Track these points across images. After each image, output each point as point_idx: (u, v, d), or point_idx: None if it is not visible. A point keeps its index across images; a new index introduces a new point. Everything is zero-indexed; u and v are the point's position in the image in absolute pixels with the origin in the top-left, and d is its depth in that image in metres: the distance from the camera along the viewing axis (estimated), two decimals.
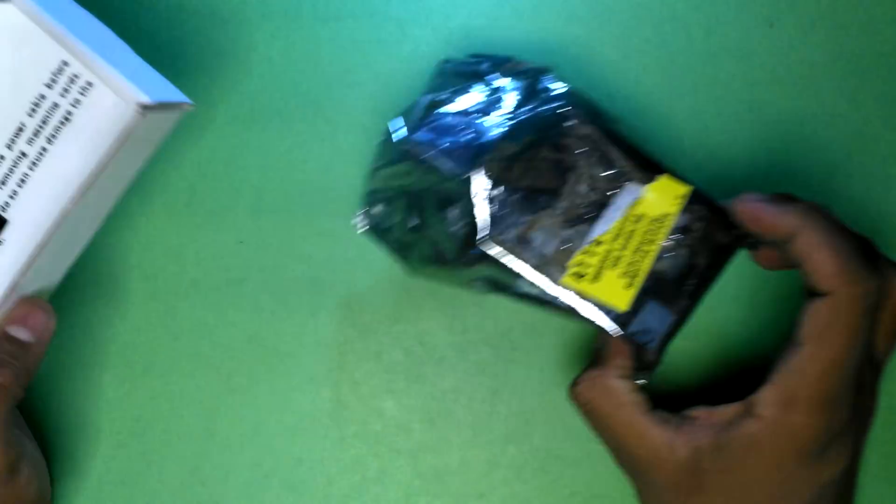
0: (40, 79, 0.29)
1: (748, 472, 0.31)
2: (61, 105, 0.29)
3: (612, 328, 0.32)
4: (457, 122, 0.33)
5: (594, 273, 0.32)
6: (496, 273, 0.32)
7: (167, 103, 0.30)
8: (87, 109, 0.29)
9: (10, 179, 0.30)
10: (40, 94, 0.29)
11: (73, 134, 0.29)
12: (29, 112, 0.29)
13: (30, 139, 0.30)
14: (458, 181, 0.31)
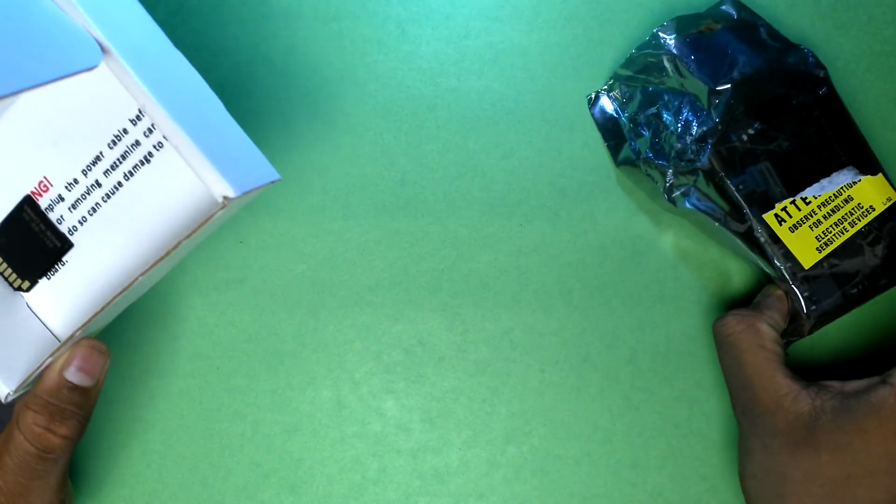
0: (126, 114, 0.28)
1: (864, 436, 0.31)
2: (143, 144, 0.28)
3: (788, 275, 0.36)
4: (724, 44, 0.37)
5: (794, 224, 0.36)
6: (704, 188, 0.37)
7: (253, 189, 0.28)
8: (169, 155, 0.28)
9: (82, 205, 0.30)
10: (123, 128, 0.28)
11: (152, 176, 0.29)
12: (109, 144, 0.29)
13: (106, 170, 0.29)
14: (707, 90, 0.36)
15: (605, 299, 0.40)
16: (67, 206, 0.30)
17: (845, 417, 0.31)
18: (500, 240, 0.40)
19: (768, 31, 0.38)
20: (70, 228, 0.30)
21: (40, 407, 0.29)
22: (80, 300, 0.31)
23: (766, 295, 0.36)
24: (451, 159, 0.40)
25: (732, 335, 0.34)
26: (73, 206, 0.30)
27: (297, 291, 0.40)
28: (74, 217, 0.30)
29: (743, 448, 0.34)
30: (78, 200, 0.30)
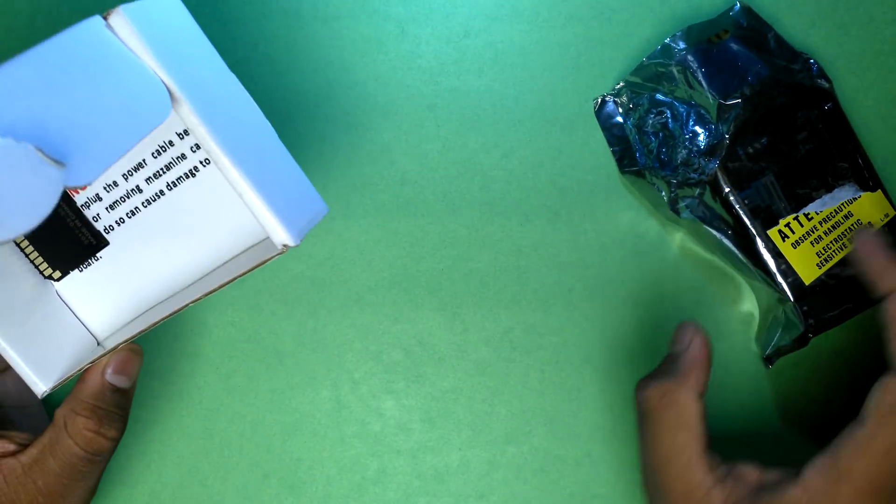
0: (173, 128, 0.28)
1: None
2: (189, 158, 0.28)
3: (789, 290, 0.37)
4: (734, 55, 0.37)
5: (796, 240, 0.36)
6: (710, 201, 0.37)
7: (306, 232, 0.28)
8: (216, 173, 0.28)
9: (120, 207, 0.30)
10: (169, 140, 0.28)
11: (197, 190, 0.29)
12: (154, 153, 0.29)
13: (148, 178, 0.29)
14: (716, 105, 0.36)
15: (605, 299, 0.40)
16: (105, 206, 0.30)
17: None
18: (500, 240, 0.40)
19: (776, 40, 0.38)
20: (106, 227, 0.30)
21: (89, 412, 0.30)
22: (115, 297, 0.31)
23: (683, 348, 0.33)
24: (451, 159, 0.40)
25: (653, 411, 0.32)
26: (111, 206, 0.30)
27: (297, 291, 0.40)
28: (111, 217, 0.30)
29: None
30: (116, 202, 0.30)
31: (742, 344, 0.40)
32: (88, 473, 0.31)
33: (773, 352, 0.39)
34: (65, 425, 0.30)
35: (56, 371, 0.30)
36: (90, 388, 0.30)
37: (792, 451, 0.40)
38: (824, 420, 0.40)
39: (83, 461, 0.30)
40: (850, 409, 0.39)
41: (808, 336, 0.37)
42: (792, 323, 0.37)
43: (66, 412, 0.30)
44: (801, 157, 0.37)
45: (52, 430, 0.31)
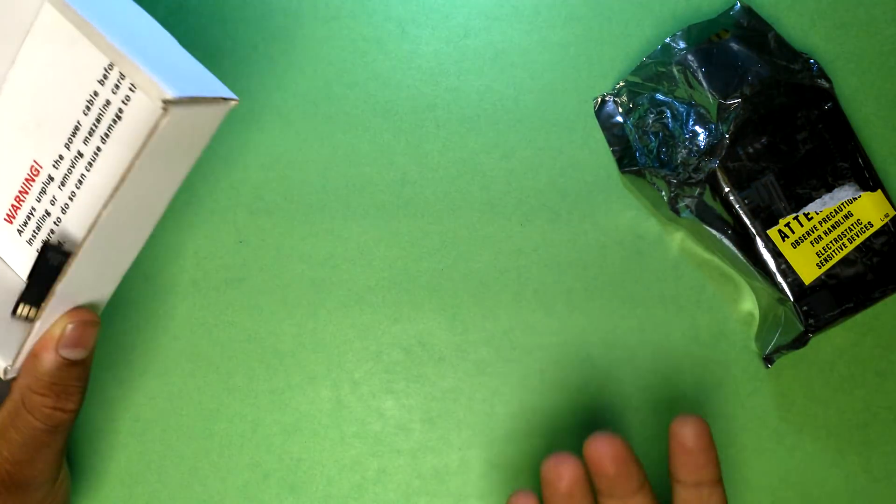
0: (94, 76, 0.28)
1: None
2: (113, 102, 0.28)
3: (789, 290, 0.37)
4: (734, 55, 0.37)
5: (796, 239, 0.36)
6: (709, 201, 0.37)
7: (199, 98, 0.27)
8: (133, 107, 0.27)
9: (69, 180, 0.29)
10: (94, 90, 0.28)
11: (124, 133, 0.28)
12: (84, 110, 0.28)
13: (85, 138, 0.28)
14: (716, 104, 0.36)
15: (605, 299, 0.40)
16: (57, 185, 0.29)
17: None
18: (500, 240, 0.40)
19: (776, 40, 0.38)
20: (63, 207, 0.30)
21: (46, 389, 0.30)
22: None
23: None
24: (451, 159, 0.40)
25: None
26: (63, 183, 0.29)
27: (297, 291, 0.40)
28: (65, 194, 0.29)
29: None
30: (66, 176, 0.29)
31: (742, 344, 0.40)
32: (52, 442, 0.31)
33: (773, 351, 0.39)
34: (23, 402, 0.30)
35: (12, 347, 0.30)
36: (45, 365, 0.30)
37: (792, 451, 0.40)
38: (824, 420, 0.40)
39: (44, 433, 0.30)
40: (850, 409, 0.39)
41: (808, 336, 0.37)
42: (792, 323, 0.37)
43: (22, 389, 0.30)
44: (801, 157, 0.37)
45: (10, 402, 0.30)
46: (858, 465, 0.40)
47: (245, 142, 0.40)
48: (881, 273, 0.37)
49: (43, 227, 0.30)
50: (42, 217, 0.30)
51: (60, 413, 0.30)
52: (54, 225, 0.30)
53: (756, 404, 0.40)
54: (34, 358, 0.30)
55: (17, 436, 0.30)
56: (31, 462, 0.31)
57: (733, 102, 0.36)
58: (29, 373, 0.30)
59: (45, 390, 0.30)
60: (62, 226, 0.30)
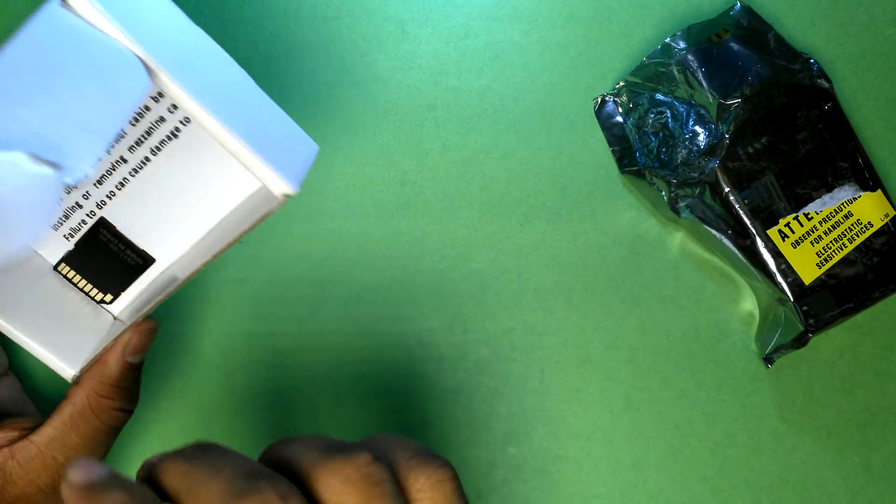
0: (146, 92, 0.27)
1: None
2: (168, 120, 0.28)
3: (789, 290, 0.37)
4: (734, 55, 0.37)
5: (796, 239, 0.36)
6: (709, 201, 0.37)
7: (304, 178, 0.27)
8: (198, 131, 0.28)
9: (108, 181, 0.30)
10: (145, 105, 0.28)
11: (182, 151, 0.28)
12: (132, 121, 0.28)
13: (131, 147, 0.29)
14: (716, 104, 0.36)
15: (605, 299, 0.40)
16: (93, 182, 0.30)
17: None
18: (500, 240, 0.40)
19: (776, 40, 0.38)
20: (98, 203, 0.30)
21: (113, 392, 0.32)
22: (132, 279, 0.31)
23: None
24: (451, 159, 0.40)
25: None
26: (99, 181, 0.30)
27: (297, 291, 0.40)
28: (101, 192, 0.30)
29: None
30: (103, 176, 0.30)
31: (742, 344, 0.40)
32: (109, 443, 0.33)
33: (773, 351, 0.39)
34: (90, 405, 0.32)
35: (81, 354, 0.31)
36: (112, 371, 0.32)
37: (792, 451, 0.40)
38: (824, 420, 0.40)
39: (106, 434, 0.32)
40: (850, 409, 0.39)
41: (808, 336, 0.37)
42: (792, 322, 0.37)
43: (89, 394, 0.32)
44: (801, 157, 0.37)
45: (71, 409, 0.32)
46: (858, 465, 0.40)
47: None
48: (881, 273, 0.37)
49: (72, 217, 0.31)
50: (72, 207, 0.31)
51: (124, 414, 0.33)
52: (87, 217, 0.31)
53: (756, 404, 0.40)
54: (102, 364, 0.32)
55: (78, 438, 0.32)
56: None
57: (733, 102, 0.36)
58: (95, 378, 0.32)
59: (113, 394, 0.32)
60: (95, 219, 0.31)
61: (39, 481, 0.32)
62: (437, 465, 0.24)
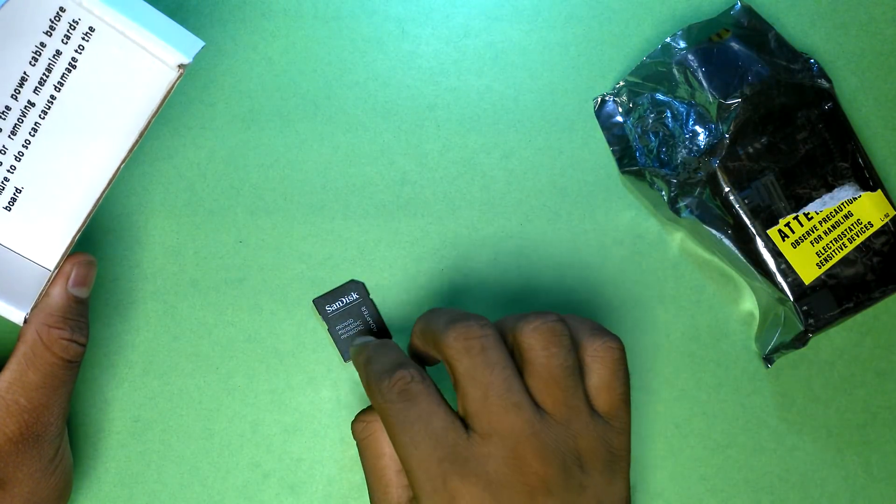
0: (39, 27, 0.29)
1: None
2: (64, 53, 0.29)
3: (789, 290, 0.37)
4: (734, 55, 0.37)
5: (796, 239, 0.36)
6: (709, 201, 0.37)
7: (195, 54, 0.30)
8: (93, 53, 0.29)
9: (21, 129, 0.30)
10: (40, 42, 0.29)
11: (84, 78, 0.30)
12: (30, 61, 0.29)
13: (35, 88, 0.30)
14: (716, 104, 0.36)
15: (605, 299, 0.40)
16: (7, 135, 0.30)
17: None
18: (500, 240, 0.40)
19: (777, 40, 0.38)
20: (16, 155, 0.31)
21: (61, 322, 0.33)
22: (54, 219, 0.32)
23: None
24: (451, 159, 0.40)
25: (359, 442, 0.34)
26: (13, 133, 0.30)
27: (297, 291, 0.40)
28: (17, 143, 0.30)
29: None
30: (16, 126, 0.30)
31: (742, 344, 0.40)
32: (68, 379, 0.33)
33: (773, 351, 0.39)
34: (40, 338, 0.32)
35: (28, 296, 0.32)
36: (57, 301, 0.33)
37: (792, 451, 0.40)
38: (824, 420, 0.40)
39: (63, 368, 0.33)
40: (850, 409, 0.39)
41: (808, 335, 0.37)
42: (791, 322, 0.37)
43: (38, 327, 0.33)
44: (801, 156, 0.37)
45: (24, 346, 0.33)
46: (858, 465, 0.40)
47: (245, 142, 0.40)
48: (881, 273, 0.37)
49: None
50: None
51: (76, 345, 0.33)
52: (7, 172, 0.31)
53: (756, 404, 0.40)
54: (46, 297, 0.33)
55: (36, 376, 0.32)
56: (47, 406, 0.33)
57: (733, 102, 0.36)
58: (42, 311, 0.33)
59: (61, 324, 0.33)
60: (17, 174, 0.31)
61: (7, 429, 0.32)
62: (611, 337, 0.31)
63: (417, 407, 0.29)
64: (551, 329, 0.30)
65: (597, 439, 0.30)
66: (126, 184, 0.40)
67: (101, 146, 0.31)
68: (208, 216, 0.40)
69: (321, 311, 0.38)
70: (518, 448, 0.28)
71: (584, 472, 0.29)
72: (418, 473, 0.29)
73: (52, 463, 0.33)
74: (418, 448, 0.29)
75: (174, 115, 0.40)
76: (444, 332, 0.30)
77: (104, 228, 0.39)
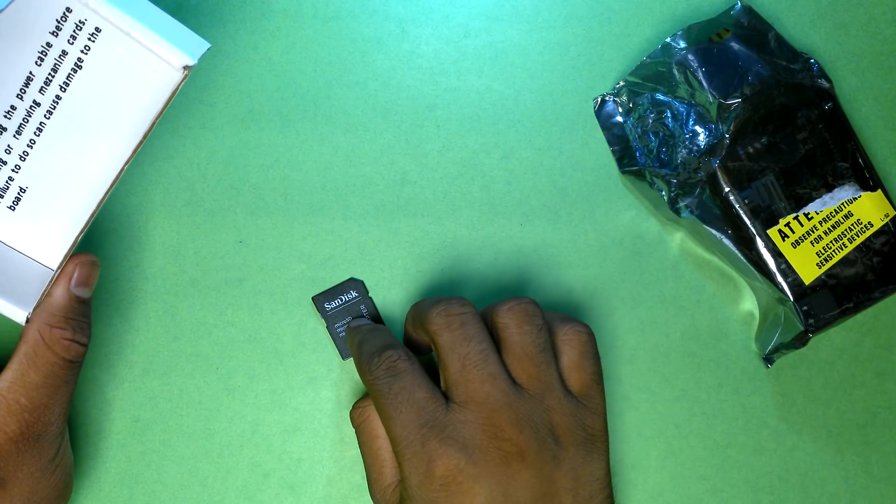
0: (45, 27, 0.29)
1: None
2: (70, 53, 0.29)
3: (789, 290, 0.37)
4: (734, 54, 0.37)
5: (796, 239, 0.36)
6: (709, 201, 0.37)
7: (201, 56, 0.30)
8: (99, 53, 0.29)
9: (26, 129, 0.30)
10: (46, 42, 0.29)
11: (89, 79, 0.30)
12: (36, 61, 0.29)
13: (41, 88, 0.30)
14: (716, 104, 0.36)
15: (604, 299, 0.40)
16: (12, 135, 0.30)
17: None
18: (500, 240, 0.40)
19: (777, 40, 0.38)
20: (21, 155, 0.31)
21: (63, 322, 0.33)
22: (58, 219, 0.32)
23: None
24: (451, 159, 0.40)
25: (356, 428, 0.35)
26: (18, 132, 0.30)
27: (297, 291, 0.40)
28: (22, 143, 0.30)
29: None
30: (21, 126, 0.30)
31: (742, 344, 0.40)
32: (69, 379, 0.33)
33: (773, 351, 0.39)
34: (42, 338, 0.32)
35: (30, 296, 0.32)
36: (59, 301, 0.33)
37: (792, 451, 0.40)
38: (824, 420, 0.40)
39: (64, 368, 0.33)
40: (850, 409, 0.39)
41: (808, 335, 0.37)
42: (792, 322, 0.37)
43: (40, 327, 0.33)
44: (801, 156, 0.37)
45: (25, 346, 0.33)
46: (858, 465, 0.40)
47: (245, 142, 0.40)
48: (881, 273, 0.37)
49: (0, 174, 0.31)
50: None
51: (77, 346, 0.33)
52: (12, 172, 0.31)
53: (756, 404, 0.40)
54: (48, 297, 0.33)
55: (37, 376, 0.32)
56: (48, 406, 0.33)
57: (733, 102, 0.36)
58: (44, 311, 0.33)
59: (63, 324, 0.33)
60: (21, 174, 0.31)
61: (7, 429, 0.32)
62: (580, 323, 0.33)
63: (402, 381, 0.31)
64: (524, 309, 0.32)
65: (570, 416, 0.31)
66: (126, 184, 0.40)
67: (106, 146, 0.31)
68: (208, 216, 0.40)
69: (320, 309, 0.39)
70: (493, 416, 0.30)
71: (558, 446, 0.31)
72: (400, 439, 0.31)
73: (53, 462, 0.33)
74: (401, 415, 0.31)
75: (174, 115, 0.40)
76: (428, 311, 0.33)
77: (104, 228, 0.39)
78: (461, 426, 0.30)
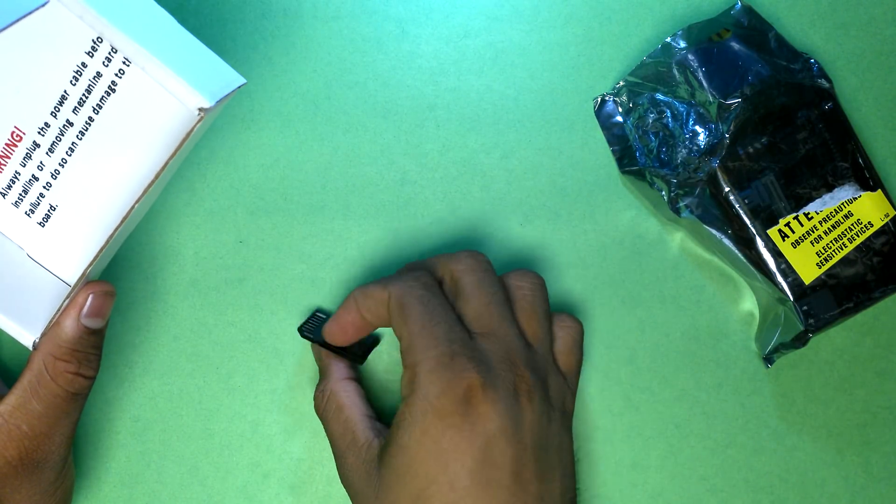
0: (81, 47, 0.28)
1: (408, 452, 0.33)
2: (105, 75, 0.29)
3: (789, 290, 0.37)
4: (734, 54, 0.37)
5: (796, 239, 0.36)
6: (709, 201, 0.37)
7: (226, 96, 0.29)
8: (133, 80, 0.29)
9: (59, 147, 0.30)
10: (81, 62, 0.29)
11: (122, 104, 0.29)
12: (71, 80, 0.29)
13: (74, 108, 0.30)
14: (717, 104, 0.37)
15: (605, 299, 0.40)
16: (45, 151, 0.30)
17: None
18: (500, 240, 0.40)
19: (777, 40, 0.38)
20: (52, 172, 0.31)
21: (69, 355, 0.32)
22: (79, 239, 0.32)
23: (318, 356, 0.38)
24: (451, 159, 0.40)
25: (321, 409, 0.36)
26: (51, 150, 0.30)
27: (297, 291, 0.40)
28: (55, 161, 0.30)
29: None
30: (54, 143, 0.30)
31: (742, 344, 0.40)
32: (72, 411, 0.33)
33: (773, 351, 0.39)
34: (46, 369, 0.32)
35: (40, 319, 0.32)
36: (67, 333, 0.32)
37: (792, 451, 0.40)
38: (824, 420, 0.40)
39: (66, 400, 0.32)
40: (850, 409, 0.39)
41: (808, 335, 0.37)
42: (792, 322, 0.37)
43: (45, 357, 0.32)
44: (801, 156, 0.37)
45: (30, 374, 0.32)
46: (858, 465, 0.40)
47: (245, 142, 0.40)
48: (881, 273, 0.37)
49: (31, 191, 0.31)
50: (28, 181, 0.31)
51: (82, 379, 0.32)
52: (44, 189, 0.31)
53: (756, 404, 0.40)
54: (57, 326, 0.32)
55: (39, 405, 0.32)
56: (49, 436, 0.32)
57: (733, 102, 0.36)
58: (51, 341, 0.32)
59: (68, 357, 0.32)
60: (52, 191, 0.31)
61: (7, 454, 0.32)
62: (531, 273, 0.35)
63: (439, 298, 0.33)
64: (475, 262, 0.35)
65: (558, 385, 0.34)
66: None
67: (130, 172, 0.31)
68: (208, 216, 0.40)
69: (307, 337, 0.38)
70: (510, 353, 0.32)
71: (551, 405, 0.33)
72: (429, 348, 0.32)
73: (53, 485, 0.33)
74: (436, 328, 0.32)
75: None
76: (455, 256, 0.35)
77: None
78: (486, 353, 0.32)
